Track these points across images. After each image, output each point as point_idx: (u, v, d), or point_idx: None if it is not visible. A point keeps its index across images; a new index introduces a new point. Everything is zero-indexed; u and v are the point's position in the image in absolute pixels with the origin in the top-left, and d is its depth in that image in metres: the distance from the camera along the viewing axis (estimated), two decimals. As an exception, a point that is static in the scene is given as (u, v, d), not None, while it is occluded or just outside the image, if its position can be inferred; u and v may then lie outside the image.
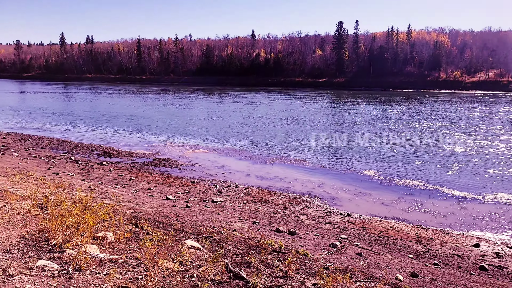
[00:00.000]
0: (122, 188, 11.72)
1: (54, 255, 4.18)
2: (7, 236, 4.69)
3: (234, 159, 17.84)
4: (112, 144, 20.62)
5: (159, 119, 32.06)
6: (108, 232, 5.17)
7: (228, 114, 36.69)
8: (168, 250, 4.92)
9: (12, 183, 9.56)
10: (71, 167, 14.29)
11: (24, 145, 18.41)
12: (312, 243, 7.69)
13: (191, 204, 10.33)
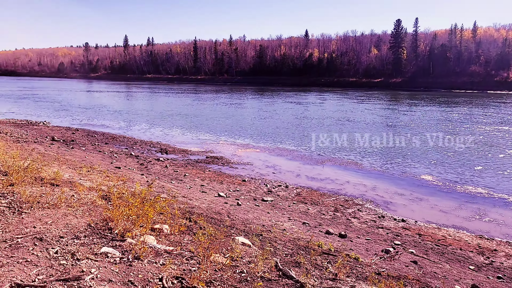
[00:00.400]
0: (177, 184, 12.22)
1: (116, 243, 4.49)
2: (75, 224, 5.11)
3: (284, 159, 17.86)
4: (168, 141, 21.51)
5: (212, 118, 32.91)
6: (164, 225, 5.44)
7: (279, 114, 36.76)
8: (220, 245, 5.07)
9: (79, 175, 10.36)
10: (131, 162, 15.14)
11: (91, 140, 19.80)
12: (363, 247, 7.51)
13: (242, 202, 10.52)
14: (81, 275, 3.50)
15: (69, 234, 4.63)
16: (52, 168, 9.98)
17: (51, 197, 6.36)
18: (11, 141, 15.47)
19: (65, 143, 17.89)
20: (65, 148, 16.57)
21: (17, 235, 4.58)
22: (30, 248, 4.14)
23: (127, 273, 3.72)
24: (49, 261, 3.83)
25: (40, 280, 3.41)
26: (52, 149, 15.65)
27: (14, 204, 5.82)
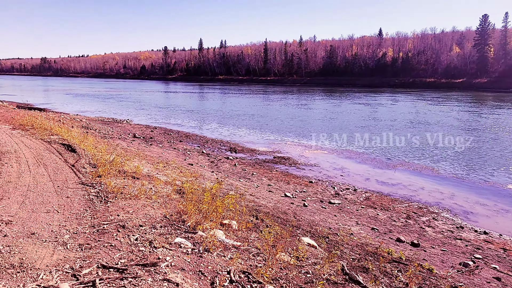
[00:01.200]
0: (245, 182, 12.52)
1: (188, 235, 4.76)
2: (153, 214, 5.51)
3: (353, 161, 17.36)
4: (237, 140, 22.08)
5: (280, 118, 33.09)
6: (233, 221, 5.64)
7: (347, 115, 35.78)
8: (286, 244, 5.13)
9: (157, 170, 11.10)
10: (202, 160, 15.83)
11: (167, 138, 21.08)
12: (438, 259, 7.05)
13: (308, 203, 10.46)
14: (157, 262, 3.77)
15: (147, 224, 5.01)
16: (133, 163, 10.83)
17: (132, 189, 6.93)
18: (99, 137, 17.07)
19: (144, 140, 19.27)
20: (145, 144, 17.85)
21: (103, 221, 5.07)
22: (114, 234, 4.56)
23: (198, 264, 3.94)
24: (130, 247, 4.20)
25: (122, 264, 3.75)
26: (133, 145, 16.96)
27: (102, 194, 6.44)
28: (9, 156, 8.81)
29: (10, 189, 6.29)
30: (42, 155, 9.42)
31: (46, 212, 5.31)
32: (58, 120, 19.92)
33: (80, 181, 7.25)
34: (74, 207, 5.67)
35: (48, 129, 13.76)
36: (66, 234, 4.55)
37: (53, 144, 10.94)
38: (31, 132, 12.76)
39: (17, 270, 3.53)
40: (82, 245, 4.20)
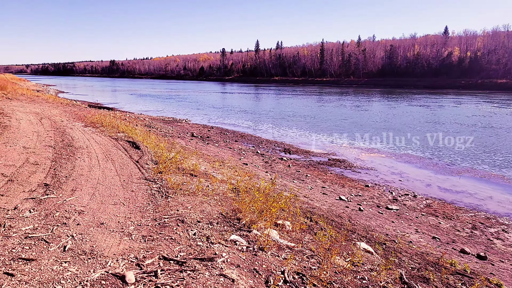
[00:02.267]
0: (298, 183, 12.47)
1: (243, 233, 4.86)
2: (210, 211, 5.70)
3: (412, 166, 16.57)
4: (291, 141, 22.05)
5: (335, 120, 32.48)
6: (286, 221, 5.66)
7: (407, 118, 34.17)
8: (341, 248, 5.05)
9: (213, 168, 11.43)
10: (257, 160, 16.02)
11: (223, 137, 21.61)
12: (508, 274, 6.52)
13: (364, 208, 10.18)
14: (214, 257, 3.91)
15: (204, 220, 5.20)
16: (191, 160, 11.25)
17: (190, 186, 7.21)
18: (160, 135, 17.94)
19: (201, 139, 19.92)
20: (202, 143, 18.45)
21: (164, 215, 5.34)
22: (174, 228, 4.79)
23: (252, 262, 4.01)
24: (188, 241, 4.38)
25: (182, 257, 3.93)
26: (191, 143, 17.60)
27: (162, 189, 6.78)
28: (82, 151, 9.57)
29: (82, 182, 6.84)
30: (110, 151, 10.11)
31: (113, 204, 5.70)
32: (124, 119, 21.24)
33: (143, 177, 7.68)
34: (138, 200, 6.03)
35: (115, 127, 14.72)
36: (131, 225, 4.86)
37: (119, 141, 11.69)
38: (101, 130, 13.73)
39: (88, 257, 3.84)
40: (145, 237, 4.47)
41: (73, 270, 3.53)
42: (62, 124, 14.42)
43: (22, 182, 6.44)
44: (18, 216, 4.87)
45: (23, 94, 29.24)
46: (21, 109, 18.36)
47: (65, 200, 5.67)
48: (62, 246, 4.03)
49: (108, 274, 3.47)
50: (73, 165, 8.02)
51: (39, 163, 7.91)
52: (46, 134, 11.57)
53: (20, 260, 3.64)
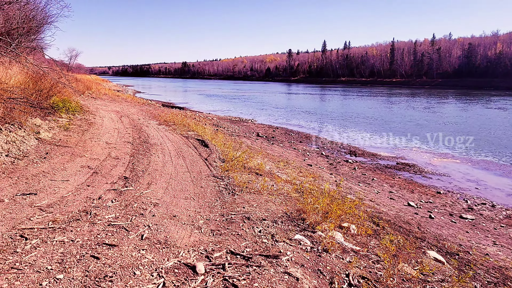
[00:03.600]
0: (364, 187, 12.13)
1: (307, 233, 4.89)
2: (274, 210, 5.81)
3: (491, 173, 15.23)
4: (357, 143, 21.45)
5: (405, 122, 30.93)
6: (352, 225, 5.57)
7: (486, 121, 31.40)
8: (409, 256, 4.86)
9: (277, 168, 11.57)
10: (321, 161, 15.86)
11: (287, 138, 21.71)
12: None
13: (434, 215, 9.61)
14: (279, 255, 4.00)
15: (269, 218, 5.32)
16: (256, 160, 11.49)
17: (256, 184, 7.40)
18: (227, 134, 18.53)
19: (266, 139, 20.20)
20: (267, 143, 18.71)
21: (231, 211, 5.56)
22: (240, 224, 4.97)
23: (316, 262, 4.04)
24: (254, 238, 4.53)
25: (248, 252, 4.08)
26: (256, 143, 17.94)
27: (229, 187, 7.04)
28: (156, 148, 10.25)
29: (157, 176, 7.35)
30: (181, 148, 10.70)
31: (185, 199, 6.06)
32: (193, 118, 22.27)
33: (212, 174, 8.03)
34: (207, 196, 6.34)
35: (186, 125, 15.52)
36: (201, 219, 5.14)
37: (190, 139, 12.31)
38: (173, 128, 14.57)
39: (163, 246, 4.15)
40: (213, 231, 4.70)
41: (150, 257, 3.84)
42: (139, 122, 15.55)
43: (105, 175, 7.10)
44: (102, 205, 5.39)
45: (105, 93, 31.97)
46: (103, 107, 20.12)
47: (142, 192, 6.15)
48: (140, 235, 4.40)
49: (180, 264, 3.73)
50: (149, 161, 8.64)
51: (119, 158, 8.63)
52: (125, 131, 12.57)
53: (104, 245, 4.05)
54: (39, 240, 4.03)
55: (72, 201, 5.41)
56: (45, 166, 7.08)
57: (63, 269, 3.46)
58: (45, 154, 7.97)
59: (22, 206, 5.01)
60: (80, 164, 7.60)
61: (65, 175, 6.73)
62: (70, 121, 12.39)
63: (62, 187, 6.03)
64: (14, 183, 5.93)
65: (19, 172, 6.50)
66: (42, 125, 9.58)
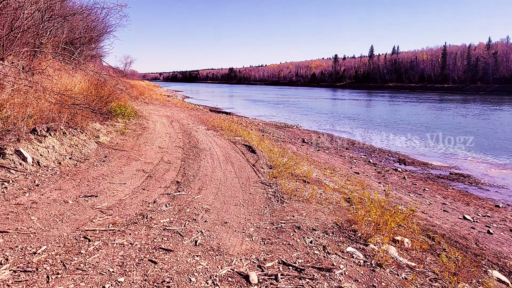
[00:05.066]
0: (415, 198, 11.65)
1: (359, 246, 4.78)
2: (324, 220, 5.73)
3: (561, 188, 14.03)
4: (406, 151, 20.67)
5: (457, 130, 29.35)
6: (405, 238, 5.37)
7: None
8: (469, 275, 4.60)
9: (324, 175, 11.42)
10: (369, 169, 15.45)
11: (333, 144, 21.38)
12: None
13: (493, 231, 9.02)
14: (332, 268, 3.94)
15: (319, 228, 5.26)
16: (302, 167, 11.42)
17: (304, 192, 7.35)
18: (273, 140, 18.59)
19: (312, 145, 20.02)
20: (312, 149, 18.54)
21: (280, 220, 5.56)
22: (291, 234, 4.96)
23: (370, 277, 3.93)
24: (305, 248, 4.50)
25: (300, 264, 4.06)
26: (302, 149, 17.83)
27: (278, 194, 7.06)
28: (205, 153, 10.50)
29: (207, 181, 7.52)
30: (229, 153, 10.88)
31: (234, 205, 6.15)
32: (240, 123, 22.58)
33: (260, 180, 8.09)
34: (256, 203, 6.39)
35: (233, 131, 15.76)
36: (251, 227, 5.19)
37: (237, 145, 12.49)
38: (221, 133, 14.86)
39: (216, 253, 4.24)
40: (264, 240, 4.73)
41: (204, 264, 3.93)
42: (188, 127, 16.02)
43: (158, 179, 7.38)
44: (157, 209, 5.60)
45: (157, 99, 33.29)
46: (155, 112, 20.95)
47: (193, 198, 6.32)
48: (193, 241, 4.52)
49: (233, 272, 3.79)
50: (199, 165, 8.86)
51: (171, 162, 8.94)
52: (176, 136, 13.00)
53: (161, 250, 4.20)
54: (101, 242, 4.26)
55: (130, 204, 5.68)
56: (104, 169, 7.49)
57: (123, 272, 3.63)
58: (104, 157, 8.44)
59: (84, 208, 5.33)
60: (136, 168, 7.96)
61: (122, 178, 7.08)
62: (126, 125, 13.02)
63: (120, 190, 6.35)
64: (77, 185, 6.32)
65: (81, 175, 6.92)
66: (101, 129, 10.16)
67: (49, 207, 5.18)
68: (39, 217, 4.82)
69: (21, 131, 6.70)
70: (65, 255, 3.88)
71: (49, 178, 6.41)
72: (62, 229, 4.53)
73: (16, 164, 6.24)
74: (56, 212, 5.06)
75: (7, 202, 5.15)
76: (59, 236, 4.33)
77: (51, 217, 4.85)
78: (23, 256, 3.77)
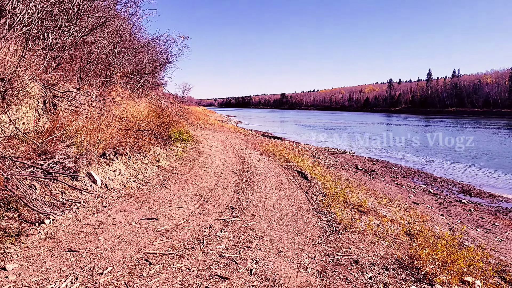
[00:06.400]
0: (483, 233, 10.77)
1: (424, 285, 4.48)
2: (383, 254, 5.48)
3: None
4: (471, 182, 19.32)
5: (534, 160, 26.93)
6: (477, 280, 4.95)
7: None
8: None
9: (380, 205, 10.97)
10: (429, 200, 14.61)
11: (389, 172, 20.58)
12: None
13: None
14: (394, 307, 3.73)
15: (379, 263, 5.03)
16: (357, 195, 11.09)
17: (360, 223, 7.11)
18: (325, 166, 18.32)
19: (366, 172, 19.41)
20: (367, 177, 17.96)
21: (336, 252, 5.40)
22: (348, 268, 4.79)
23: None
24: (364, 285, 4.31)
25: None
26: (356, 176, 17.35)
27: (332, 223, 6.89)
28: (258, 178, 10.59)
29: (260, 208, 7.55)
30: (282, 179, 10.87)
31: (288, 234, 6.09)
32: (291, 148, 22.57)
33: (313, 208, 7.96)
34: (310, 232, 6.28)
35: (285, 156, 15.78)
36: (306, 257, 5.09)
37: (289, 171, 12.46)
38: (273, 158, 14.94)
39: (271, 284, 4.19)
40: (320, 272, 4.61)
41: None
42: (241, 151, 16.31)
43: (213, 203, 7.54)
44: (213, 234, 5.70)
45: (211, 124, 34.43)
46: (210, 137, 21.63)
47: (247, 224, 6.36)
48: (248, 269, 4.52)
49: (290, 303, 3.72)
50: (252, 191, 8.94)
51: (226, 187, 9.11)
52: (230, 161, 13.28)
53: (217, 277, 4.25)
54: (161, 265, 4.41)
55: (187, 228, 5.84)
56: (164, 192, 7.81)
57: (182, 297, 3.71)
58: (163, 181, 8.82)
59: (146, 230, 5.56)
60: (192, 192, 8.21)
61: (180, 202, 7.33)
62: (184, 150, 13.57)
63: (178, 213, 6.56)
64: (139, 207, 6.65)
65: (143, 197, 7.27)
66: (161, 153, 10.68)
67: (115, 228, 5.48)
68: (105, 237, 5.11)
69: (93, 155, 7.24)
70: (128, 277, 4.06)
71: (115, 200, 6.81)
72: (126, 250, 4.76)
73: (87, 186, 6.72)
74: (121, 233, 5.33)
75: (78, 222, 5.53)
76: (123, 257, 4.54)
77: (116, 238, 5.12)
78: (91, 276, 3.99)
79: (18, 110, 7.22)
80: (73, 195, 6.39)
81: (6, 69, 6.99)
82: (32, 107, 7.66)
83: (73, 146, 7.47)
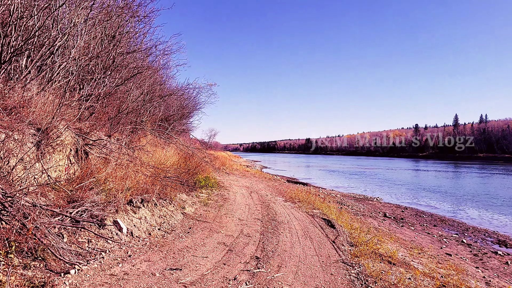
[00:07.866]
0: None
1: None
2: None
3: None
4: (506, 231, 18.31)
5: None
6: None
7: None
8: None
9: (411, 256, 10.51)
10: (462, 251, 13.88)
11: (419, 220, 19.82)
12: None
13: None
14: None
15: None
16: (386, 245, 10.69)
17: (390, 276, 6.81)
18: (352, 213, 17.88)
19: (395, 220, 18.78)
20: (395, 225, 17.35)
21: (366, 307, 5.16)
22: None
23: None
24: None
25: None
26: (384, 224, 16.79)
27: (361, 276, 6.63)
28: (283, 226, 10.44)
29: (286, 258, 7.39)
30: (308, 227, 10.67)
31: (315, 287, 5.90)
32: (317, 195, 22.26)
33: (341, 259, 7.72)
34: (338, 286, 6.06)
35: (311, 203, 15.57)
36: (334, 313, 4.88)
37: (315, 218, 12.24)
38: (298, 205, 14.76)
39: None
40: (350, 329, 4.40)
41: None
42: (266, 198, 16.23)
43: (238, 253, 7.45)
44: (238, 287, 5.59)
45: (237, 169, 34.67)
46: (235, 182, 21.70)
47: (273, 276, 6.22)
48: (275, 324, 4.38)
49: None
50: (277, 240, 8.80)
51: (251, 235, 9.01)
52: (255, 207, 13.21)
53: (243, 332, 4.12)
54: (186, 318, 4.34)
55: (211, 280, 5.76)
56: (189, 241, 7.81)
57: None
58: (188, 228, 8.84)
59: (170, 282, 5.53)
60: (217, 241, 8.17)
61: (205, 251, 7.29)
62: (209, 196, 13.66)
63: (202, 263, 6.51)
64: (163, 256, 6.65)
65: (168, 246, 7.29)
66: (187, 200, 10.79)
67: (139, 279, 5.48)
68: (130, 288, 5.11)
69: (120, 203, 7.41)
70: (153, 329, 4.01)
71: (139, 249, 6.85)
72: (150, 301, 4.73)
73: (113, 234, 6.83)
74: (145, 284, 5.32)
75: (103, 273, 5.57)
76: (147, 309, 4.51)
77: (140, 289, 5.11)
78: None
79: (51, 158, 7.58)
80: (99, 244, 6.49)
81: (43, 119, 7.44)
82: (65, 155, 8.03)
83: (101, 193, 7.69)
